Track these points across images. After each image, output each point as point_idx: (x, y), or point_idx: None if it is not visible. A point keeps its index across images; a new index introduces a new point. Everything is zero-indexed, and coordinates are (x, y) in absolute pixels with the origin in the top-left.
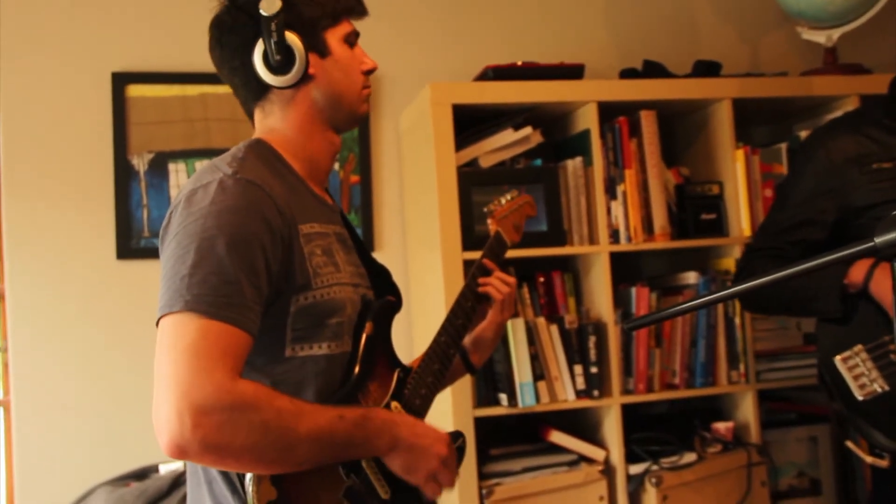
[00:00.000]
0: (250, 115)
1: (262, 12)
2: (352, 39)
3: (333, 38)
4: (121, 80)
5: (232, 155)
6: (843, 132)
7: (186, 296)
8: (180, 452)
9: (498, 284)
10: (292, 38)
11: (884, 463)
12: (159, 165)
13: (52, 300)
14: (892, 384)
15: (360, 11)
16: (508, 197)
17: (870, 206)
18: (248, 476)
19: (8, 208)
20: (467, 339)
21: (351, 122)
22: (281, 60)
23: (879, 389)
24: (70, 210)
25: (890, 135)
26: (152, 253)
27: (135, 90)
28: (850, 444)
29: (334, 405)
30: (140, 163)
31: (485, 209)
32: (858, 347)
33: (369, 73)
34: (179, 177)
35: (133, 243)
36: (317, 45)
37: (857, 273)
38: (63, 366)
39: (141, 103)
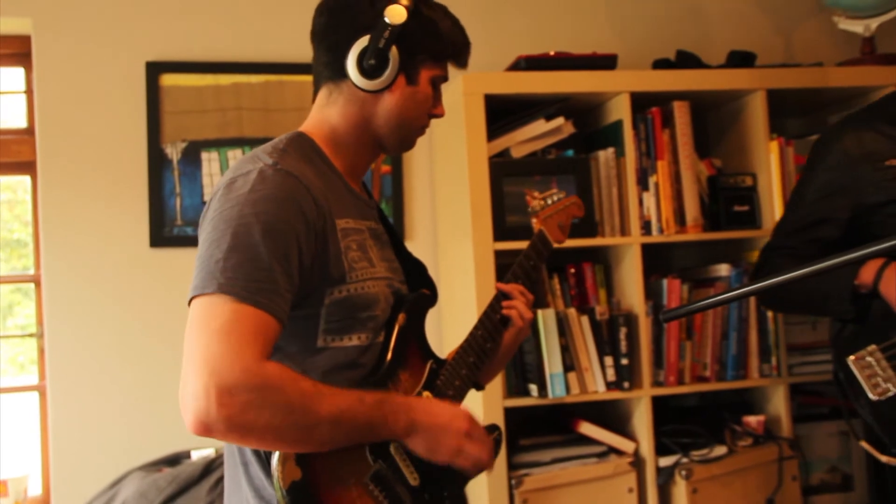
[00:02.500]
0: (316, 91)
1: (386, 17)
2: (438, 82)
3: (427, 73)
4: (155, 70)
5: (273, 146)
6: (856, 128)
7: (220, 279)
8: (205, 430)
9: (522, 310)
10: (394, 53)
11: None
12: (192, 154)
13: (86, 287)
14: None
15: (463, 63)
16: (555, 197)
17: (883, 203)
18: (275, 458)
19: (44, 196)
20: None
21: (396, 149)
22: (373, 66)
23: (893, 389)
24: (104, 198)
25: None
26: (185, 241)
27: (168, 79)
28: (864, 443)
29: (358, 389)
30: (173, 151)
31: (528, 209)
32: (872, 347)
33: (434, 117)
34: (212, 166)
35: (166, 231)
36: (409, 72)
37: (867, 273)
38: (97, 352)
39: (174, 92)
